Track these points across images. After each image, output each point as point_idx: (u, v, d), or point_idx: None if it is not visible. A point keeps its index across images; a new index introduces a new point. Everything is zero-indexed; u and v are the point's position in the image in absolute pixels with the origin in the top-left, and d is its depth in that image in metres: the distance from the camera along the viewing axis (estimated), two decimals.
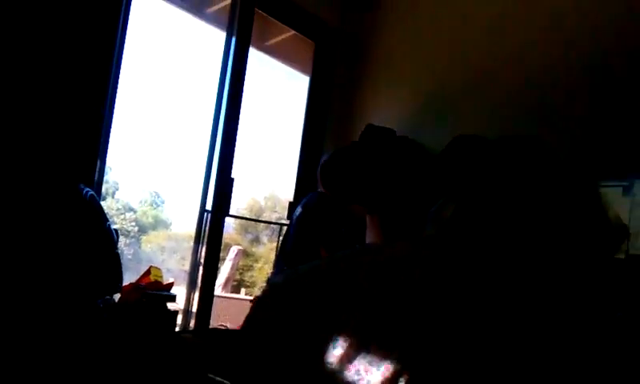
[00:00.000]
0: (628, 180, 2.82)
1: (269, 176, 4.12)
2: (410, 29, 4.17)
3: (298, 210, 3.46)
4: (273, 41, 4.31)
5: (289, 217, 4.05)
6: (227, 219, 3.70)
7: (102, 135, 3.02)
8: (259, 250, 19.97)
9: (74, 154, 2.79)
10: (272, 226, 19.81)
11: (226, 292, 11.27)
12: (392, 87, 4.19)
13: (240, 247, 13.53)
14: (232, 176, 3.59)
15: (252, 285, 17.12)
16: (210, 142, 3.64)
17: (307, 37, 4.25)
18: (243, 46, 3.64)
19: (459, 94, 3.82)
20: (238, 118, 3.62)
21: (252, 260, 18.40)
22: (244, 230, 20.76)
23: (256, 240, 21.32)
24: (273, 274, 3.53)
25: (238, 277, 15.97)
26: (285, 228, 3.68)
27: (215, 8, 3.87)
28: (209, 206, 3.60)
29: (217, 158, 3.60)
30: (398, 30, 4.22)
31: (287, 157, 4.26)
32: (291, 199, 4.17)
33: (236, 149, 3.63)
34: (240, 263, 14.97)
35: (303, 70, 4.38)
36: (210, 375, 1.46)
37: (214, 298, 3.74)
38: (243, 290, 13.93)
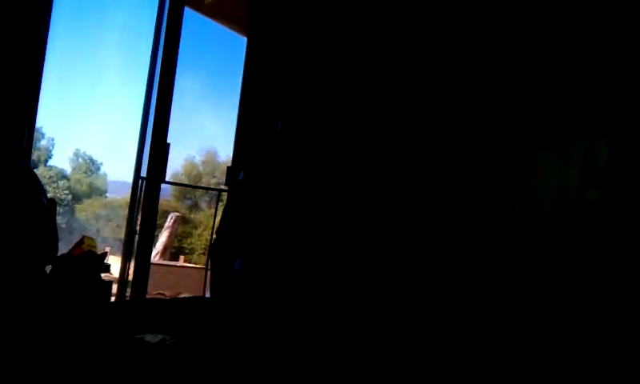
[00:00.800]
0: None
1: (207, 140, 4.03)
2: None
3: (241, 174, 3.38)
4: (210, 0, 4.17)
5: (227, 183, 3.96)
6: (164, 185, 3.59)
7: (30, 101, 2.87)
8: (198, 216, 19.72)
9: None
10: (211, 191, 19.64)
11: (165, 259, 11.12)
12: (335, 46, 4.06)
13: (178, 214, 13.35)
14: (167, 141, 3.48)
15: (191, 251, 16.91)
16: (144, 106, 3.52)
17: None
18: (178, 5, 3.51)
19: None
20: (172, 81, 3.49)
21: (191, 226, 18.16)
22: (182, 196, 20.47)
23: (195, 206, 21.05)
24: (216, 240, 3.44)
25: (176, 244, 15.76)
26: (223, 194, 3.60)
27: None
28: (144, 173, 3.48)
29: (151, 122, 3.48)
30: None
31: (226, 120, 4.15)
32: (229, 164, 4.07)
33: (172, 113, 3.52)
34: (179, 230, 14.78)
35: (242, 31, 4.25)
36: (138, 336, 1.42)
37: (152, 267, 3.65)
38: (182, 257, 13.78)
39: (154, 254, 10.67)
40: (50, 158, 24.66)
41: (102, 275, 2.89)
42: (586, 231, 2.62)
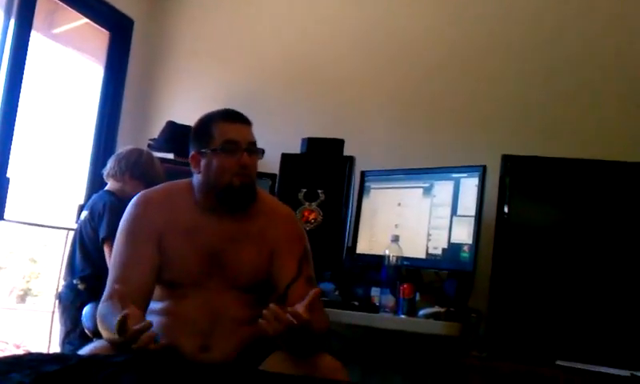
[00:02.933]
0: (428, 181, 2.88)
1: (57, 175, 3.73)
2: (214, 23, 4.04)
3: (84, 213, 3.17)
4: (63, 28, 3.90)
5: (78, 221, 3.68)
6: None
7: None
8: (49, 256, 18.49)
9: None
10: (62, 230, 18.45)
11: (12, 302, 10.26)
12: (194, 82, 4.01)
13: (27, 254, 12.41)
14: (7, 176, 3.18)
15: (40, 294, 15.75)
16: None
17: (101, 26, 3.91)
18: (24, 30, 3.23)
19: (269, 90, 3.77)
20: (15, 111, 3.21)
21: (41, 267, 16.96)
22: (31, 235, 19.16)
23: (45, 246, 19.75)
24: (64, 287, 3.18)
25: (24, 286, 14.64)
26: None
27: None
28: None
29: None
30: (201, 23, 4.07)
31: (78, 154, 3.88)
32: (81, 202, 3.79)
33: (15, 145, 3.23)
34: (27, 271, 13.71)
35: (99, 62, 4.03)
36: None
37: None
38: (30, 300, 12.79)
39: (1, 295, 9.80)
40: None
41: None
42: None
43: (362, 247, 3.07)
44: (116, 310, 1.68)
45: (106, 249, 3.00)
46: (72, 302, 3.05)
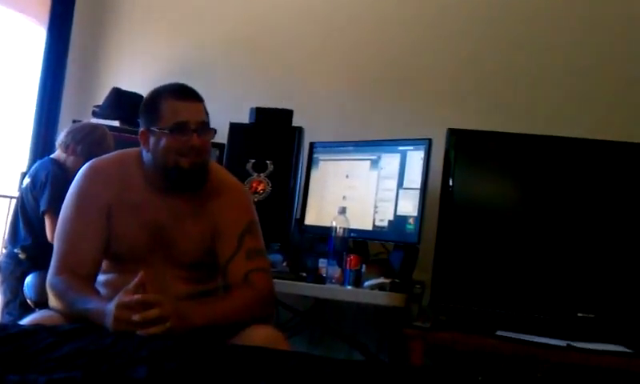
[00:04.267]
0: (375, 154, 2.91)
1: None
2: None
3: (26, 180, 3.10)
4: None
5: (20, 188, 3.59)
6: None
7: None
8: None
9: None
10: (5, 198, 17.95)
11: None
12: (141, 49, 3.92)
13: None
14: None
15: None
16: None
17: None
18: None
19: (218, 59, 3.72)
20: None
21: None
22: None
23: None
24: (4, 255, 3.11)
25: None
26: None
27: None
28: None
29: None
30: None
31: (21, 120, 3.77)
32: (24, 169, 3.69)
33: None
34: None
35: (41, 23, 3.90)
36: None
37: None
38: None
39: None
40: None
41: None
42: None
43: (310, 219, 3.08)
44: (82, 293, 1.75)
45: (46, 221, 2.95)
46: (12, 271, 3.00)
